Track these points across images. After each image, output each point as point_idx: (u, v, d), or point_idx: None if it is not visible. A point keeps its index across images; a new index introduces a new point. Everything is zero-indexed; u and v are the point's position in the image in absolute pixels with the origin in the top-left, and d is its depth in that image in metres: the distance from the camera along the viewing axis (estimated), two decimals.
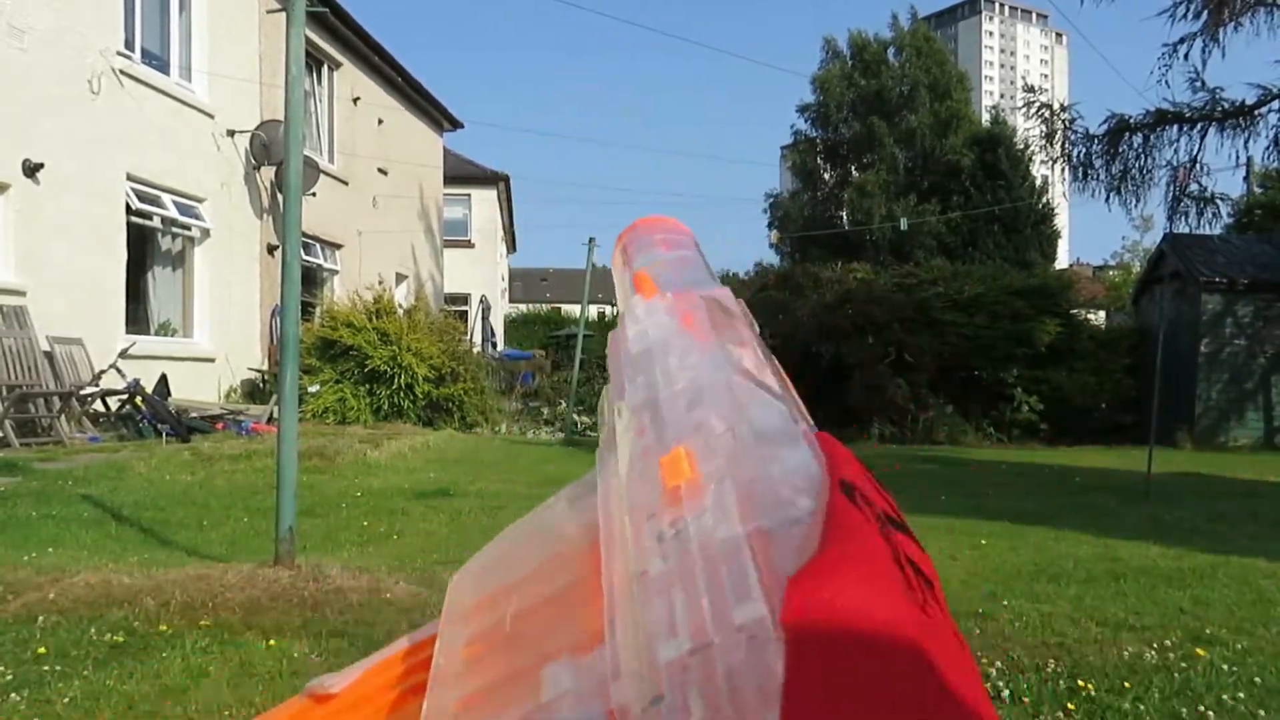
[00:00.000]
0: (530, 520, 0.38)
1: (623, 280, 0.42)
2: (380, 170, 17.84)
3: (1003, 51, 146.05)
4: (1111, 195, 13.43)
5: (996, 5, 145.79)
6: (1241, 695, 2.98)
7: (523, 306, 44.35)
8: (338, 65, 16.23)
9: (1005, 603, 3.98)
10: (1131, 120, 13.04)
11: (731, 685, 0.23)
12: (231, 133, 12.70)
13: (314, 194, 13.63)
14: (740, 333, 0.37)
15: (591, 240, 13.62)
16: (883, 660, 0.24)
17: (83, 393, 9.29)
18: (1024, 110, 14.31)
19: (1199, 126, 12.61)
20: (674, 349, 0.34)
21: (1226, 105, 12.42)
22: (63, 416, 8.95)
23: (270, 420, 10.07)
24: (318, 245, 15.33)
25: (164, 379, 10.45)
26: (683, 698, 0.24)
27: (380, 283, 14.18)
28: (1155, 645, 3.43)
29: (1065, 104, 14.25)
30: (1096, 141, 13.39)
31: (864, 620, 0.25)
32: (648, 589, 0.26)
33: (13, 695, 2.75)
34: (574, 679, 0.29)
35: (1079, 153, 13.59)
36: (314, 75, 15.50)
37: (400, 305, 13.99)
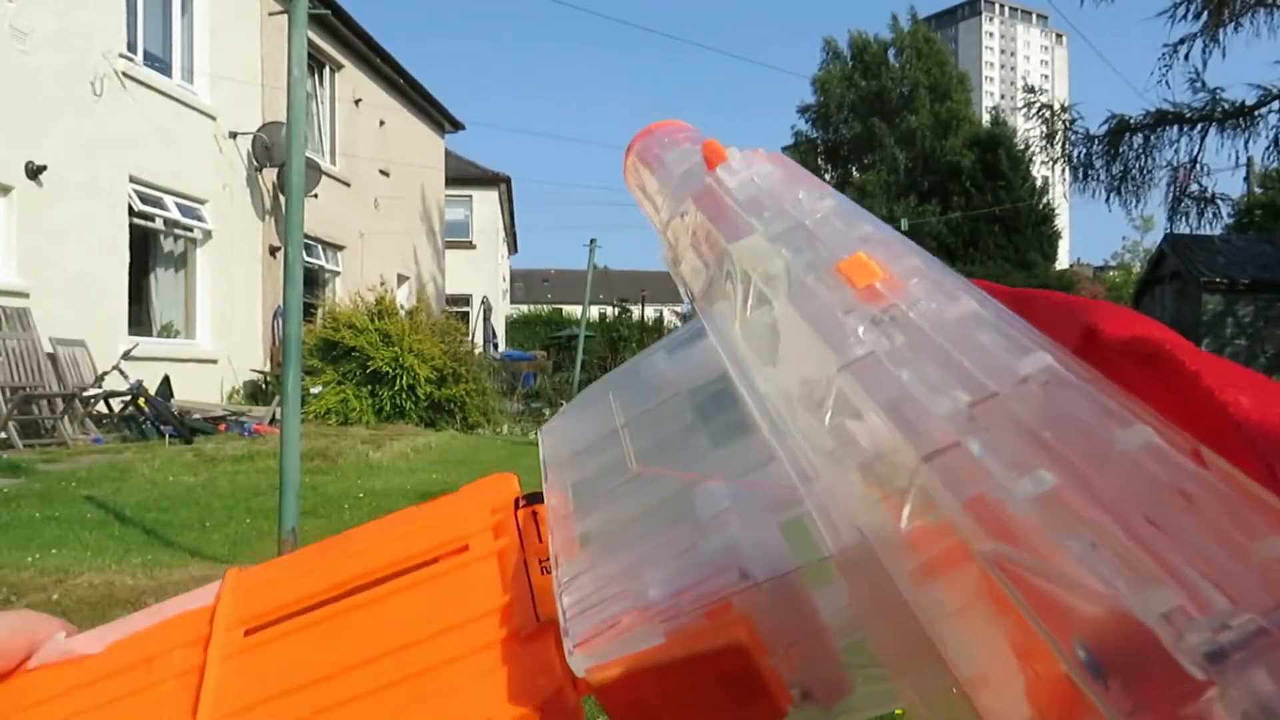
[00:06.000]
0: (620, 374, 0.35)
1: (659, 169, 0.40)
2: (382, 172, 17.87)
3: (1003, 52, 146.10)
4: (1112, 195, 13.47)
5: (996, 6, 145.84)
6: None
7: (524, 307, 44.36)
8: (339, 67, 16.26)
9: None
10: (1132, 121, 13.06)
11: (1048, 421, 0.19)
12: (233, 134, 12.72)
13: (316, 195, 13.65)
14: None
15: (593, 241, 13.63)
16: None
17: (86, 394, 9.31)
18: (1024, 111, 14.34)
19: (1199, 127, 12.64)
20: (795, 187, 0.32)
21: (1226, 106, 12.44)
22: (66, 418, 8.96)
23: (273, 421, 10.08)
24: (319, 247, 15.36)
25: (167, 380, 10.47)
26: (986, 438, 0.19)
27: (382, 284, 14.20)
28: None
29: (1065, 105, 14.28)
30: (1097, 142, 13.42)
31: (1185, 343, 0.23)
32: (874, 369, 0.23)
33: None
34: (732, 498, 0.26)
35: (1079, 153, 13.62)
36: (315, 77, 15.52)
37: (402, 306, 14.01)
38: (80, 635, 0.33)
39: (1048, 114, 13.87)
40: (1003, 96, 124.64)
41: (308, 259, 14.15)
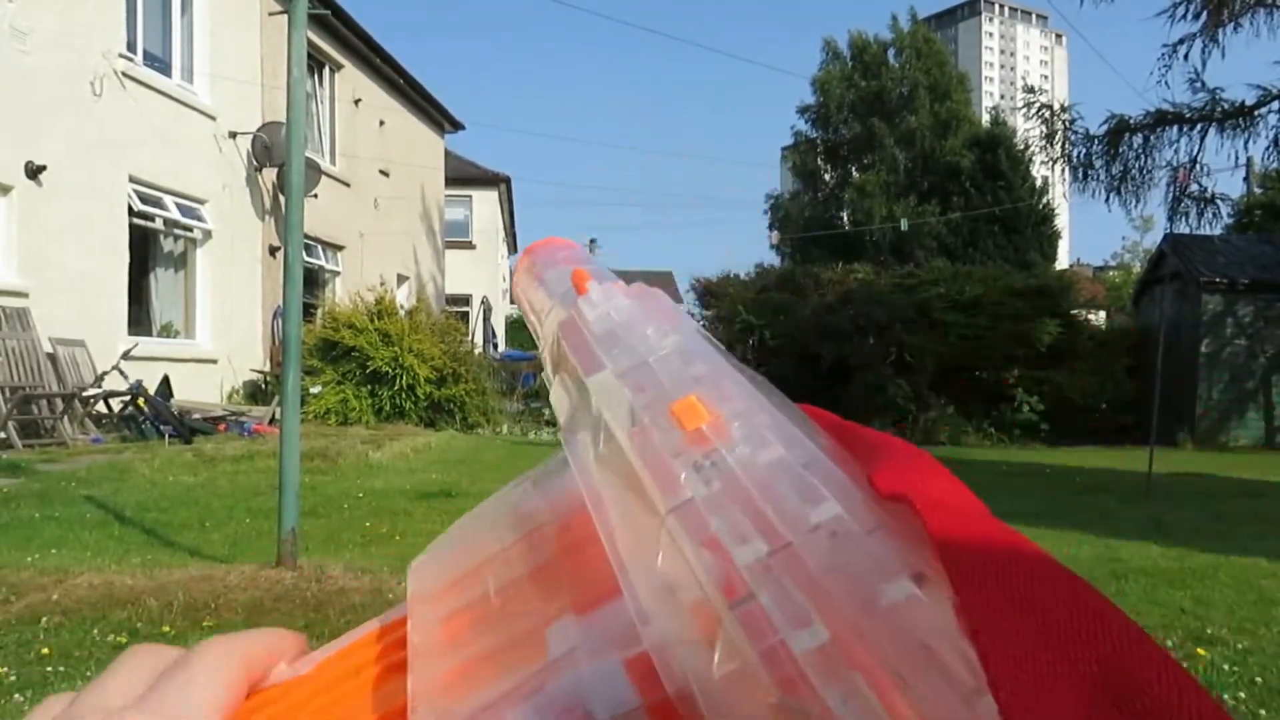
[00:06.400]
0: (491, 505, 0.36)
1: (543, 288, 0.41)
2: (382, 172, 17.87)
3: (1003, 52, 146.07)
4: (1111, 196, 13.45)
5: (996, 6, 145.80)
6: (1243, 695, 2.99)
7: None
8: (339, 67, 16.25)
9: None
10: (1131, 121, 13.05)
11: (830, 573, 0.21)
12: (233, 134, 12.72)
13: (315, 195, 13.65)
14: (690, 320, 0.35)
15: (592, 241, 13.63)
16: (987, 522, 0.25)
17: (85, 394, 9.31)
18: (1024, 111, 14.32)
19: (1199, 127, 12.62)
20: (645, 323, 0.33)
21: (1226, 106, 12.43)
22: (65, 418, 8.96)
23: (272, 421, 10.08)
24: (319, 247, 15.35)
25: (166, 380, 10.47)
26: (777, 592, 0.21)
27: (382, 284, 14.21)
28: None
29: (1065, 104, 14.26)
30: (1096, 142, 13.41)
31: (956, 497, 0.25)
32: (694, 514, 0.24)
33: (16, 696, 2.76)
34: (582, 635, 0.28)
35: (1079, 153, 13.61)
36: (315, 77, 15.52)
37: (402, 306, 14.01)
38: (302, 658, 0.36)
39: (1047, 114, 13.85)
40: (1003, 96, 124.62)
41: (308, 259, 14.15)
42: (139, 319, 11.24)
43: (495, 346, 23.89)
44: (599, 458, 0.30)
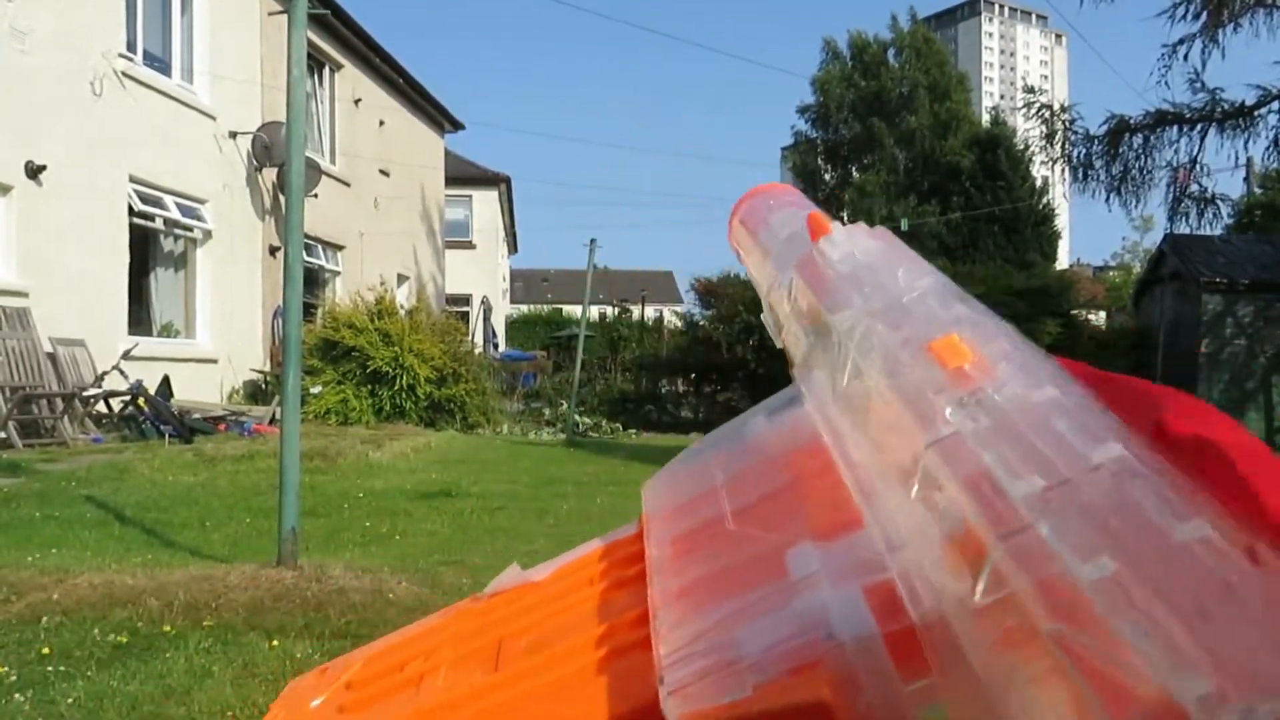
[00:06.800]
0: (721, 434, 0.39)
1: (767, 230, 0.42)
2: (382, 171, 17.86)
3: (1002, 53, 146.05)
4: (1111, 196, 13.45)
5: (996, 6, 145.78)
6: None
7: (524, 307, 44.28)
8: (339, 67, 16.25)
9: None
10: (1131, 121, 13.04)
11: (1116, 510, 0.20)
12: (233, 134, 12.72)
13: (315, 195, 13.65)
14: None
15: (592, 241, 13.62)
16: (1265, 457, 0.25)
17: (86, 394, 9.31)
18: (1024, 111, 14.32)
19: (1199, 127, 12.62)
20: (895, 263, 0.32)
21: (1226, 106, 12.42)
22: (66, 418, 8.96)
23: (272, 421, 10.08)
24: (319, 246, 15.35)
25: (166, 380, 10.47)
26: (1058, 523, 0.20)
27: (382, 284, 14.21)
28: None
29: (1065, 105, 14.26)
30: (1096, 142, 13.40)
31: (1239, 435, 0.26)
32: (958, 449, 0.23)
33: (17, 696, 2.76)
34: (823, 560, 0.29)
35: (1079, 153, 13.60)
36: (315, 77, 15.52)
37: (402, 306, 14.02)
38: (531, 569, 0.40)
39: (1047, 114, 13.84)
40: (1003, 96, 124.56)
41: (308, 259, 14.14)
42: (139, 319, 11.24)
43: (495, 346, 23.90)
44: (839, 394, 0.30)
